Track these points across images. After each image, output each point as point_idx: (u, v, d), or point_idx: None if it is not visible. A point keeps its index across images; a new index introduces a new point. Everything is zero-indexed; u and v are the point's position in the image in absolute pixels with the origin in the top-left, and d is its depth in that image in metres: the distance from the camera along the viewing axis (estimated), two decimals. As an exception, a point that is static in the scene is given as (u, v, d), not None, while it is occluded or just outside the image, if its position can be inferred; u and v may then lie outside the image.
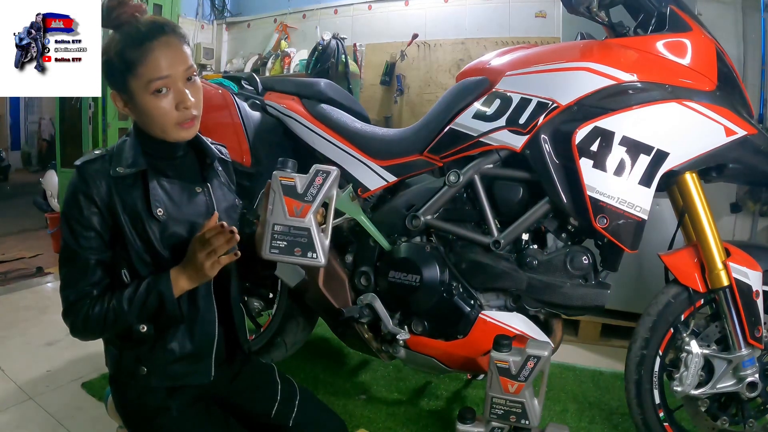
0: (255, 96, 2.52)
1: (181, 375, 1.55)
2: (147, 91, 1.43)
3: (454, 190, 2.12)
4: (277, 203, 1.47)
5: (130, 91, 1.45)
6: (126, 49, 1.42)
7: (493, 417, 1.86)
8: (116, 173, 1.45)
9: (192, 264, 1.42)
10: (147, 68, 1.41)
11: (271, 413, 1.67)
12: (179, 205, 1.53)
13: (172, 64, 1.44)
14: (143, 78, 1.42)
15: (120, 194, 1.45)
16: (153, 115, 1.46)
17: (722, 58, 1.93)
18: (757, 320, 1.90)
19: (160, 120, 1.46)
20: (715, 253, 1.92)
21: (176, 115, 1.47)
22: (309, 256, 1.45)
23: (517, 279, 2.03)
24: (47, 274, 4.62)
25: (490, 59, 2.21)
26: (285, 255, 1.46)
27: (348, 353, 3.14)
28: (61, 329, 3.33)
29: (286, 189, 1.48)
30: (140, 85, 1.43)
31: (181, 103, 1.46)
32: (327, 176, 1.49)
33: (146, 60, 1.41)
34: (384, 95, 5.30)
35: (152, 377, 1.52)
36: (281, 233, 1.46)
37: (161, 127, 1.48)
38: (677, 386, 1.94)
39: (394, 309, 2.21)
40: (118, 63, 1.43)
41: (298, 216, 1.46)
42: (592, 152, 1.86)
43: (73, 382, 2.78)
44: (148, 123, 1.49)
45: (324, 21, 5.56)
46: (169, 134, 1.50)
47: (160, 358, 1.52)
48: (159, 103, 1.44)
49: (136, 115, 1.50)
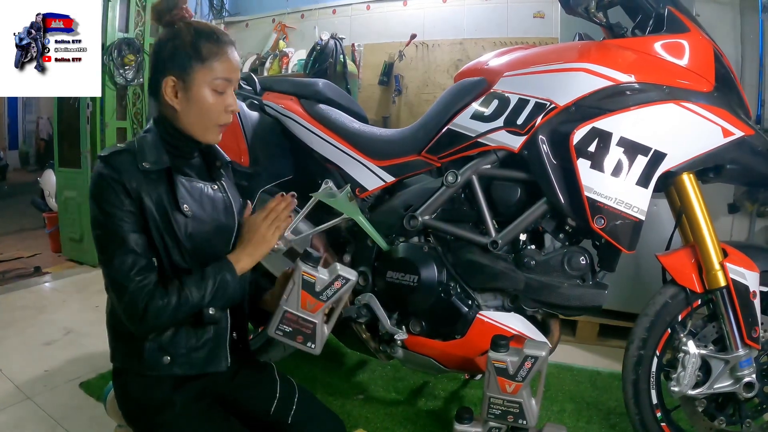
0: (253, 96, 2.52)
1: (201, 362, 1.58)
2: (210, 86, 1.52)
3: (451, 190, 2.12)
4: (293, 293, 1.59)
5: (192, 79, 1.51)
6: (203, 41, 1.51)
7: (491, 417, 1.86)
8: (143, 167, 1.49)
9: (255, 240, 1.57)
10: (220, 65, 1.52)
11: (270, 411, 1.68)
12: (200, 203, 1.59)
13: (236, 71, 1.57)
14: (213, 72, 1.52)
15: (148, 188, 1.49)
16: (204, 108, 1.54)
17: (720, 59, 1.93)
18: (754, 321, 1.91)
19: (209, 115, 1.55)
20: (713, 254, 1.92)
21: (223, 116, 1.56)
22: (308, 345, 1.61)
23: (514, 279, 2.03)
24: (45, 273, 4.62)
25: (488, 60, 2.21)
26: (287, 338, 1.61)
27: (346, 353, 3.14)
28: (58, 329, 3.39)
29: (305, 284, 1.58)
30: (207, 77, 1.52)
31: (230, 106, 1.56)
32: (346, 283, 1.60)
33: (222, 58, 1.52)
34: (382, 95, 5.30)
35: (175, 366, 1.54)
36: (290, 320, 1.60)
37: (205, 123, 1.56)
38: (674, 386, 1.95)
39: (392, 309, 2.20)
40: (191, 50, 1.50)
41: (309, 310, 1.59)
42: (590, 153, 1.86)
43: (70, 381, 2.78)
44: (192, 117, 1.55)
45: (322, 21, 5.56)
46: (207, 133, 1.58)
47: (183, 346, 1.55)
48: (214, 99, 1.54)
49: (183, 105, 1.54)
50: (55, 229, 5.28)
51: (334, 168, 2.32)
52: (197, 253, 1.54)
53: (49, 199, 5.57)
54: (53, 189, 5.36)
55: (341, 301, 1.62)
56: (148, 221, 1.48)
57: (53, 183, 5.35)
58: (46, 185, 5.62)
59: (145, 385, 1.55)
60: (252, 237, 1.57)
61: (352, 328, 2.23)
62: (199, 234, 1.55)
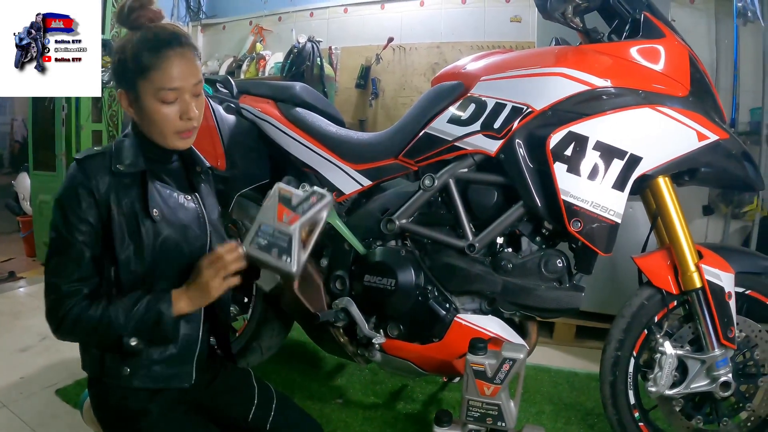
0: (230, 99, 2.51)
1: (163, 377, 1.55)
2: (155, 97, 1.46)
3: (428, 194, 2.12)
4: (269, 207, 1.54)
5: (138, 92, 1.47)
6: (142, 53, 1.44)
7: (470, 420, 1.86)
8: (117, 170, 1.47)
9: (197, 284, 1.47)
10: (160, 76, 1.45)
11: (249, 417, 1.67)
12: (174, 210, 1.55)
13: (184, 76, 1.48)
14: (154, 84, 1.45)
15: (118, 192, 1.47)
16: (156, 120, 1.49)
17: (695, 64, 1.95)
18: (729, 321, 1.93)
19: (162, 126, 1.49)
20: (688, 256, 1.94)
21: (178, 125, 1.50)
22: (283, 259, 1.49)
23: (491, 282, 2.04)
24: (20, 278, 4.56)
25: (465, 64, 2.22)
26: (263, 252, 1.50)
27: (324, 357, 3.13)
28: (34, 335, 3.34)
29: (282, 198, 1.55)
30: (150, 90, 1.46)
31: (185, 114, 1.50)
32: (321, 198, 1.57)
33: (161, 68, 1.44)
34: (359, 98, 5.29)
35: (135, 378, 1.51)
36: (265, 233, 1.51)
37: (161, 132, 1.51)
38: (652, 387, 1.96)
39: (370, 313, 2.20)
40: (132, 64, 1.45)
41: (285, 222, 1.51)
42: (567, 157, 1.87)
43: (47, 388, 2.75)
44: (148, 126, 1.51)
45: (299, 24, 5.54)
46: (167, 141, 1.52)
47: (143, 359, 1.52)
48: (164, 110, 1.48)
49: (138, 116, 1.52)
50: (30, 233, 5.20)
51: (311, 172, 2.32)
52: (167, 263, 1.51)
53: (24, 203, 5.50)
54: (28, 192, 5.29)
55: (318, 224, 1.57)
56: (112, 229, 1.46)
57: (28, 186, 5.28)
58: (21, 188, 5.54)
59: (119, 394, 1.53)
60: (195, 280, 1.48)
61: (330, 332, 2.22)
62: (170, 240, 1.52)
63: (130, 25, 1.50)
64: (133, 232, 1.47)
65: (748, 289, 1.99)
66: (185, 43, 1.50)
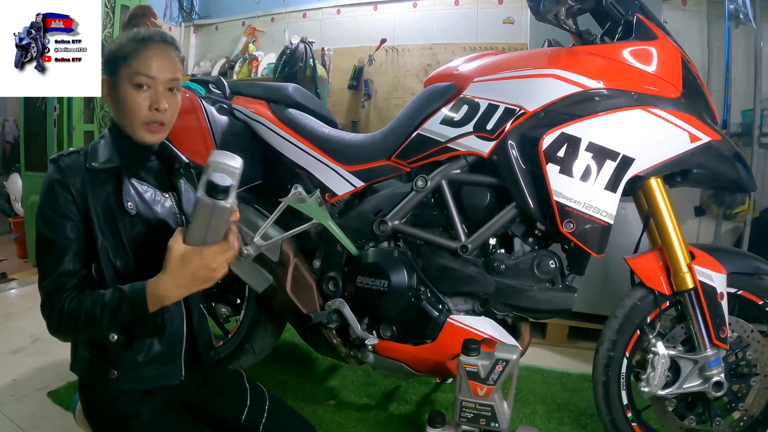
0: (222, 100, 2.50)
1: (152, 377, 1.54)
2: (130, 82, 1.50)
3: (421, 195, 2.12)
4: None
5: (117, 78, 1.51)
6: (128, 42, 1.52)
7: (463, 420, 1.86)
8: (91, 167, 1.48)
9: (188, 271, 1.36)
10: (138, 62, 1.50)
11: (241, 419, 1.67)
12: (149, 204, 1.56)
13: (161, 68, 1.52)
14: (132, 69, 1.50)
15: (94, 187, 1.48)
16: (127, 105, 1.51)
17: (687, 66, 1.95)
18: (721, 321, 1.93)
19: (131, 112, 1.51)
20: (680, 257, 1.95)
21: (147, 114, 1.52)
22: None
23: (484, 283, 2.05)
24: (11, 280, 4.53)
25: (458, 65, 2.22)
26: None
27: (316, 358, 3.13)
28: (26, 337, 3.34)
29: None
30: (127, 74, 1.50)
31: (155, 104, 1.51)
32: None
33: (140, 55, 1.50)
34: (351, 100, 5.28)
35: (122, 381, 1.50)
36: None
37: (131, 120, 1.52)
38: (644, 387, 1.97)
39: (363, 314, 2.20)
40: (118, 54, 1.52)
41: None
42: (559, 158, 1.87)
43: (38, 391, 2.73)
44: (120, 113, 1.54)
45: (292, 25, 5.53)
46: (135, 131, 1.54)
47: (130, 361, 1.50)
48: (136, 96, 1.51)
49: (113, 103, 1.55)
50: (21, 235, 5.18)
51: (303, 173, 2.32)
52: (145, 257, 1.49)
53: (15, 204, 5.48)
54: (19, 193, 5.27)
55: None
56: (92, 224, 1.46)
57: (19, 187, 5.26)
58: (12, 189, 5.52)
59: (109, 396, 1.52)
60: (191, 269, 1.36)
61: (323, 333, 2.22)
62: (144, 234, 1.52)
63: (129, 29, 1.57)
64: (110, 226, 1.48)
65: (740, 290, 2.00)
66: (169, 42, 1.57)
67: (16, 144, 6.39)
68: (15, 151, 6.34)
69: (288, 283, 2.25)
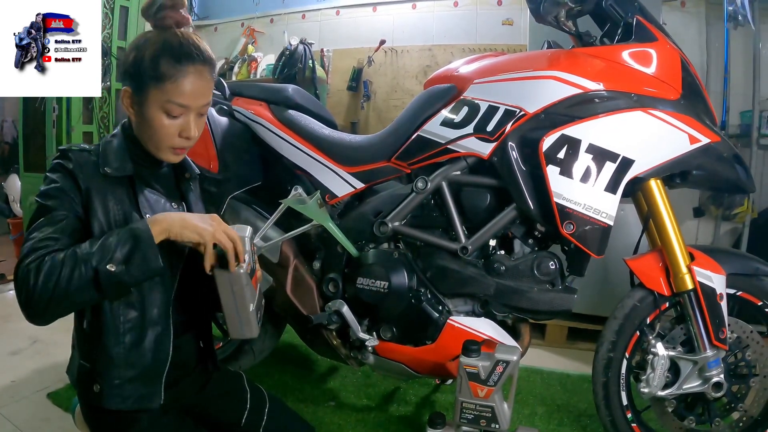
0: (222, 101, 2.49)
1: (135, 397, 1.47)
2: (161, 107, 1.42)
3: (421, 196, 2.12)
4: None
5: (145, 96, 1.43)
6: (162, 59, 1.41)
7: (463, 422, 1.86)
8: (104, 172, 1.43)
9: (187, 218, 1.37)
10: (173, 87, 1.41)
11: (241, 421, 1.66)
12: None
13: (196, 95, 1.45)
14: (165, 95, 1.41)
15: (101, 190, 1.42)
16: (153, 128, 1.45)
17: (686, 68, 1.96)
18: (721, 322, 1.94)
19: (158, 137, 1.46)
20: (680, 258, 1.95)
21: (176, 141, 1.47)
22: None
23: (484, 284, 2.05)
24: (10, 281, 4.53)
25: (458, 66, 2.22)
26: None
27: (316, 360, 3.13)
28: (25, 338, 3.33)
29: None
30: (157, 98, 1.42)
31: (185, 132, 1.46)
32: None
33: (176, 80, 1.41)
34: (351, 101, 5.27)
35: (103, 397, 1.45)
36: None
37: (156, 143, 1.47)
38: (644, 388, 1.97)
39: (363, 315, 2.20)
40: (148, 67, 1.41)
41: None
42: (559, 159, 1.88)
43: (38, 392, 2.73)
44: (144, 133, 1.48)
45: (291, 26, 5.52)
46: (159, 152, 1.49)
47: (114, 376, 1.45)
48: (166, 122, 1.44)
49: (137, 119, 1.48)
50: (20, 236, 5.17)
51: (303, 174, 2.31)
52: None
53: (14, 205, 5.48)
54: (18, 194, 5.28)
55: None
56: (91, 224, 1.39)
57: (18, 188, 5.27)
58: (11, 190, 5.52)
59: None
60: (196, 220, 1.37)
61: (323, 334, 2.22)
62: None
63: (154, 22, 1.48)
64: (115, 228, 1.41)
65: (740, 291, 2.00)
66: (207, 60, 1.47)
67: (15, 145, 6.39)
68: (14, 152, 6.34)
69: (288, 284, 2.25)
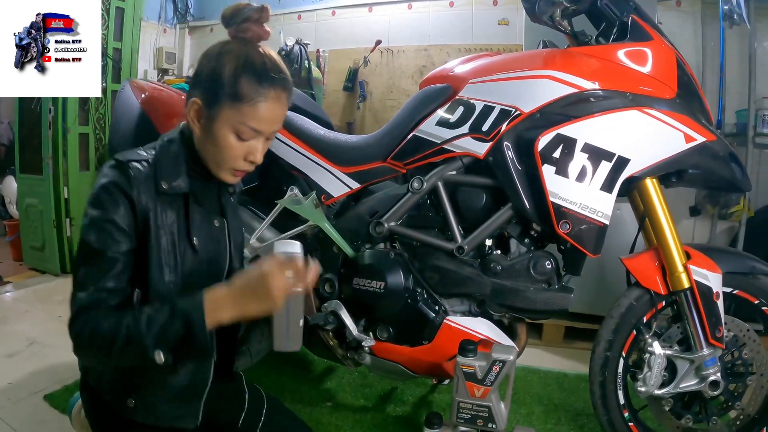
0: (218, 102, 2.49)
1: (170, 417, 1.46)
2: (233, 127, 1.38)
3: (417, 196, 2.12)
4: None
5: (217, 113, 1.38)
6: (244, 78, 1.37)
7: (461, 421, 1.87)
8: (161, 189, 1.38)
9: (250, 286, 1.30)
10: (250, 111, 1.37)
11: (239, 422, 1.66)
12: (207, 239, 1.50)
13: (271, 122, 1.42)
14: (241, 116, 1.37)
15: (158, 208, 1.39)
16: (219, 147, 1.41)
17: (682, 67, 1.96)
18: (717, 321, 1.94)
19: (223, 157, 1.42)
20: (676, 256, 1.95)
21: (240, 163, 1.44)
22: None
23: (481, 284, 2.04)
24: (6, 283, 4.52)
25: (453, 66, 2.22)
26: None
27: (313, 360, 3.12)
28: (21, 340, 3.33)
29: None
30: (230, 117, 1.38)
31: (251, 156, 1.44)
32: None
33: (255, 104, 1.37)
34: (347, 101, 5.29)
35: (139, 412, 1.42)
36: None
37: (219, 162, 1.44)
38: (641, 386, 1.97)
39: (359, 316, 2.20)
40: (227, 84, 1.37)
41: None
42: (555, 159, 1.88)
43: (34, 394, 2.72)
44: (208, 150, 1.44)
45: (287, 26, 5.52)
46: (219, 171, 1.46)
47: (153, 395, 1.43)
48: (234, 143, 1.40)
49: (203, 134, 1.43)
50: (16, 237, 5.17)
51: (299, 175, 2.31)
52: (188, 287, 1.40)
53: (10, 206, 5.48)
54: (14, 196, 5.26)
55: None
56: (148, 245, 1.37)
57: (14, 190, 5.25)
58: (7, 192, 5.52)
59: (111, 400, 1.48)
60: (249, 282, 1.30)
61: (319, 335, 2.22)
62: (200, 267, 1.46)
63: (235, 32, 1.44)
64: (169, 253, 1.40)
65: (736, 289, 2.00)
66: (287, 86, 1.44)
67: (11, 146, 6.37)
68: (9, 154, 6.33)
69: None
